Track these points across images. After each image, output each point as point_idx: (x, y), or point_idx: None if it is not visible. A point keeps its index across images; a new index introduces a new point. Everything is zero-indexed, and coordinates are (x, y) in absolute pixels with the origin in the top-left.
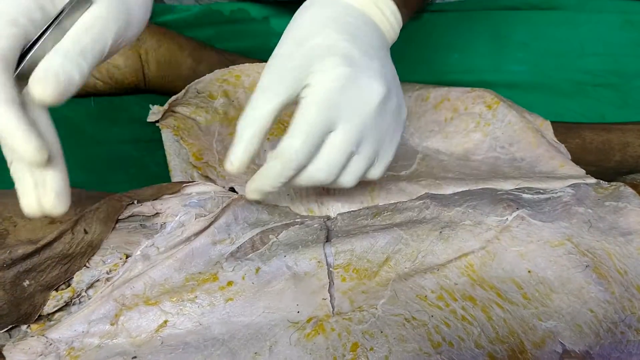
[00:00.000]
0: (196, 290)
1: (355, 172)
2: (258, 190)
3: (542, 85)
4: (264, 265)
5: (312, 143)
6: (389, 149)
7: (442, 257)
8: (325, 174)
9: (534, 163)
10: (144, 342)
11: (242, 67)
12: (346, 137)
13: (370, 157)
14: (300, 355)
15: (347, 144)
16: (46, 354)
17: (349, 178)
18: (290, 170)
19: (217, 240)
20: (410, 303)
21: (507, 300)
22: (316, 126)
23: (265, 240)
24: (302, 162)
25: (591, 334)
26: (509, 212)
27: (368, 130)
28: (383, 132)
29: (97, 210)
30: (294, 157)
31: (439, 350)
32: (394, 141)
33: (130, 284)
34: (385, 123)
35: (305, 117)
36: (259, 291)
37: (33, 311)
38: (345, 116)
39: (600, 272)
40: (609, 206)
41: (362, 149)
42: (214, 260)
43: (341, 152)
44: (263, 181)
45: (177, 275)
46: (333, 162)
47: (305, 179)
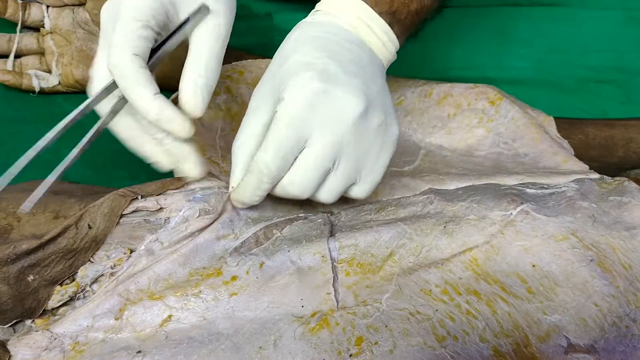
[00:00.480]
0: (200, 285)
1: (333, 189)
2: (239, 201)
3: (544, 81)
4: (268, 260)
5: (282, 157)
6: (374, 169)
7: (446, 251)
8: (298, 188)
9: (537, 159)
10: (149, 337)
11: (245, 64)
12: (319, 152)
13: (348, 175)
14: (305, 349)
15: (320, 159)
16: (50, 348)
17: (326, 195)
18: (265, 184)
19: (221, 236)
20: (414, 297)
21: (511, 294)
22: (285, 141)
23: (269, 235)
24: (275, 175)
25: (596, 327)
26: (513, 207)
27: (345, 146)
28: (364, 150)
29: (101, 205)
30: (265, 171)
31: (444, 344)
32: (381, 161)
33: (134, 279)
34: (366, 141)
35: (274, 132)
36: (263, 286)
37: (37, 306)
38: (319, 131)
39: (604, 266)
40: (613, 201)
41: (339, 166)
42: (218, 255)
43: (313, 168)
44: (242, 193)
45: (182, 270)
46: (306, 178)
47: (281, 192)
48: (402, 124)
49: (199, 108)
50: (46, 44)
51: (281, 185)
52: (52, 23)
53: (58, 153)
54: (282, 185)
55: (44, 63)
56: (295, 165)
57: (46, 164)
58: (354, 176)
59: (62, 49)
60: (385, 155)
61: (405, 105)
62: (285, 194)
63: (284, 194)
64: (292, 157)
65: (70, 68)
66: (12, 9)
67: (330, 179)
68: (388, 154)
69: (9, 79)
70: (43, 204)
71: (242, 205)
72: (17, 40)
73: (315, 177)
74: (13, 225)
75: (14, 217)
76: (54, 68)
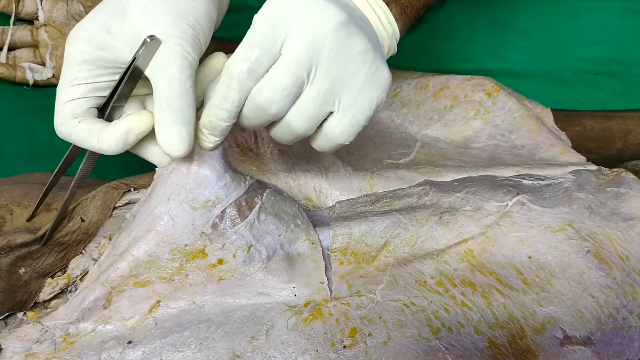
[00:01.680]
0: (186, 269)
1: (306, 107)
2: (208, 124)
3: (542, 73)
4: (257, 243)
5: (254, 60)
6: (357, 101)
7: (441, 242)
8: (268, 96)
9: (534, 150)
10: (138, 325)
11: None
12: (293, 54)
13: (324, 94)
14: (297, 340)
15: (293, 63)
16: (42, 340)
17: (299, 116)
18: (234, 90)
19: (196, 206)
20: (409, 288)
21: (507, 285)
22: (258, 40)
23: (252, 204)
24: (245, 80)
25: (592, 319)
26: (509, 198)
27: (322, 57)
28: (344, 71)
29: (94, 198)
30: (234, 74)
31: (438, 335)
32: (365, 97)
33: (114, 266)
34: (346, 61)
35: (248, 33)
36: (252, 270)
37: (29, 298)
38: (295, 33)
39: (601, 258)
40: (610, 192)
41: (314, 80)
42: (198, 228)
43: (286, 72)
44: (210, 110)
45: (161, 249)
46: (277, 84)
47: (250, 107)
48: (398, 116)
49: (177, 146)
50: (40, 36)
51: (250, 96)
52: (46, 15)
53: (51, 146)
54: (251, 97)
55: (37, 56)
56: (267, 73)
57: (39, 157)
58: (330, 99)
59: (56, 41)
60: (371, 92)
61: (401, 97)
62: (254, 109)
63: (253, 109)
64: (265, 62)
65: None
66: (6, 1)
67: (304, 93)
68: (376, 93)
69: (3, 71)
70: (35, 197)
71: (211, 134)
72: (10, 33)
73: (287, 84)
74: (6, 218)
75: (7, 210)
76: (47, 61)
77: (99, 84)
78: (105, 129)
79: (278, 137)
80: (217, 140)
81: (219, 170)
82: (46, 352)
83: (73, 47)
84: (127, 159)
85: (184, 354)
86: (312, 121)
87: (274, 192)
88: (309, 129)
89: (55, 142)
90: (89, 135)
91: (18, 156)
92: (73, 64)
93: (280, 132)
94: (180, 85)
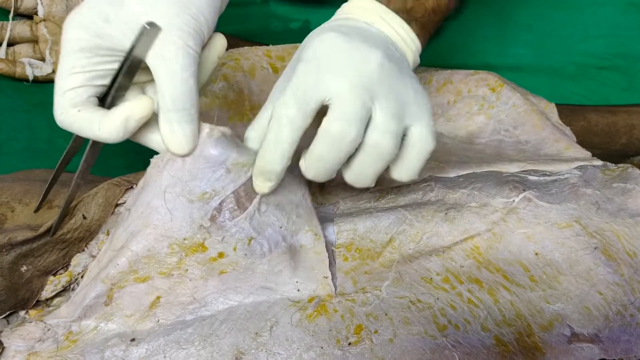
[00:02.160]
0: (186, 263)
1: (385, 124)
2: (262, 169)
3: (546, 68)
4: (258, 236)
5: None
6: (421, 113)
7: (447, 238)
8: (341, 123)
9: (539, 146)
10: (140, 322)
11: (241, 51)
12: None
13: (394, 110)
14: (302, 336)
15: (354, 93)
16: (44, 339)
17: (379, 134)
18: (286, 129)
19: (193, 198)
20: (415, 285)
21: (513, 282)
22: (304, 85)
23: (252, 194)
24: (297, 122)
25: (600, 316)
26: (516, 194)
27: (376, 86)
28: (399, 90)
29: (96, 195)
30: (285, 119)
31: (445, 333)
32: (424, 106)
33: (114, 262)
34: (397, 82)
35: (292, 80)
36: (254, 264)
37: (31, 296)
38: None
39: (609, 254)
40: (617, 188)
41: (378, 102)
42: (196, 221)
43: (350, 100)
44: (262, 156)
45: (159, 243)
46: (345, 110)
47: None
48: None
49: (183, 145)
50: (39, 31)
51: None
52: (46, 10)
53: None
54: (323, 131)
55: (37, 51)
56: (330, 109)
57: (40, 154)
58: (403, 117)
59: (56, 36)
60: (426, 103)
61: None
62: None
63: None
64: (314, 104)
65: None
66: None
67: (377, 114)
68: (429, 104)
69: (2, 67)
70: (37, 194)
71: (267, 177)
72: (9, 28)
73: (356, 108)
74: (7, 216)
75: (8, 207)
76: (47, 56)
77: (97, 72)
78: (105, 116)
79: (362, 170)
80: (273, 184)
81: (214, 162)
82: (49, 351)
83: (70, 35)
84: (130, 156)
85: (188, 351)
86: (396, 137)
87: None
88: (395, 147)
89: (56, 138)
90: (90, 123)
91: (18, 153)
92: (70, 52)
93: (365, 161)
94: (184, 83)
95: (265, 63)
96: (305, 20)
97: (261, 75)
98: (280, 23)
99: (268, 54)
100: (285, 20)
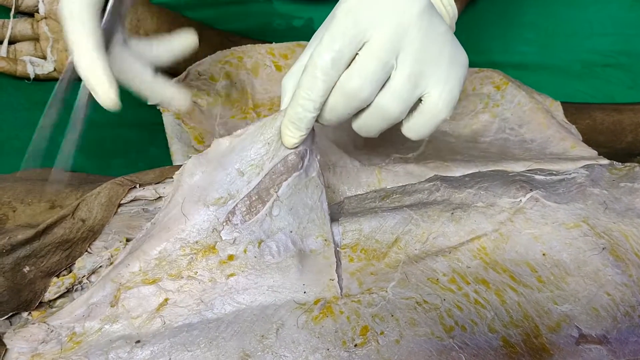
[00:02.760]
0: (196, 266)
1: (398, 89)
2: (294, 116)
3: (551, 66)
4: (267, 239)
5: (338, 50)
6: (449, 78)
7: (453, 239)
8: (358, 81)
9: (545, 144)
10: (145, 324)
11: (244, 49)
12: (378, 41)
13: (415, 76)
14: (308, 339)
15: (381, 49)
16: (47, 340)
17: (391, 98)
18: (319, 81)
19: (209, 203)
20: (421, 286)
21: (521, 283)
22: (341, 30)
23: (265, 197)
24: (329, 70)
25: (608, 317)
26: (523, 194)
27: (407, 43)
28: (431, 53)
29: (99, 194)
30: (319, 64)
31: (452, 334)
32: (454, 74)
33: (125, 262)
34: (432, 43)
35: (331, 24)
36: (263, 267)
37: (34, 298)
38: (377, 22)
39: (617, 255)
40: (624, 187)
41: (404, 64)
42: (210, 225)
43: (374, 58)
44: (296, 102)
45: (171, 245)
46: (366, 69)
47: (338, 95)
48: None
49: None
50: (41, 29)
51: (339, 85)
52: (47, 8)
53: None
54: (340, 85)
55: (38, 49)
56: (355, 61)
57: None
58: (422, 81)
59: (57, 34)
60: (458, 68)
61: None
62: (342, 95)
63: (342, 96)
64: (348, 53)
65: (65, 54)
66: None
67: (395, 77)
68: (462, 69)
69: (4, 65)
70: (39, 194)
71: (297, 126)
72: (10, 26)
73: (376, 69)
74: (8, 216)
75: (9, 207)
76: (49, 54)
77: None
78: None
79: (367, 125)
80: (303, 135)
81: (228, 167)
82: (52, 352)
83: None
84: (131, 155)
85: (194, 353)
86: (405, 104)
87: (296, 179)
88: (402, 113)
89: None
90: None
91: (20, 152)
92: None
93: (371, 119)
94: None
95: (268, 61)
96: (308, 19)
97: (264, 73)
98: (283, 21)
99: (271, 52)
100: (288, 18)
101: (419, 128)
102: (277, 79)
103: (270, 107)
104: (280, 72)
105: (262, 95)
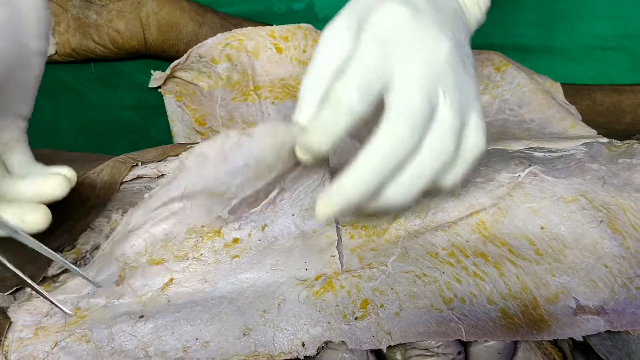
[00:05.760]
0: (201, 248)
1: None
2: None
3: (551, 49)
4: (271, 223)
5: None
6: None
7: (453, 214)
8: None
9: (544, 124)
10: (150, 301)
11: (245, 31)
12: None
13: (459, 106)
14: (309, 312)
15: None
16: (51, 314)
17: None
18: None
19: (215, 196)
20: (420, 260)
21: (519, 256)
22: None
23: (270, 190)
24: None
25: (605, 289)
26: (522, 169)
27: (443, 76)
28: (463, 85)
29: (101, 172)
30: (345, 102)
31: (451, 306)
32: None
33: (130, 242)
34: (461, 76)
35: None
36: (266, 248)
37: (37, 273)
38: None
39: (614, 228)
40: (623, 163)
41: (446, 94)
42: (216, 213)
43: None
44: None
45: (178, 228)
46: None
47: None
48: None
49: None
50: None
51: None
52: None
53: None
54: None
55: None
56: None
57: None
58: (465, 111)
59: (58, 17)
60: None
61: None
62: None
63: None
64: (377, 91)
65: (66, 36)
66: None
67: (441, 111)
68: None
69: None
70: None
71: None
72: None
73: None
74: None
75: None
76: (50, 37)
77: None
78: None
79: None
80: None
81: (237, 167)
82: (57, 326)
83: None
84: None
85: (196, 327)
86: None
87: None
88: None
89: (60, 120)
90: None
91: None
92: None
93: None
94: None
95: (269, 43)
96: (308, 1)
97: (265, 55)
98: (284, 4)
99: (272, 34)
100: (289, 1)
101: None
102: (278, 61)
103: (271, 89)
104: (280, 54)
105: (263, 77)
